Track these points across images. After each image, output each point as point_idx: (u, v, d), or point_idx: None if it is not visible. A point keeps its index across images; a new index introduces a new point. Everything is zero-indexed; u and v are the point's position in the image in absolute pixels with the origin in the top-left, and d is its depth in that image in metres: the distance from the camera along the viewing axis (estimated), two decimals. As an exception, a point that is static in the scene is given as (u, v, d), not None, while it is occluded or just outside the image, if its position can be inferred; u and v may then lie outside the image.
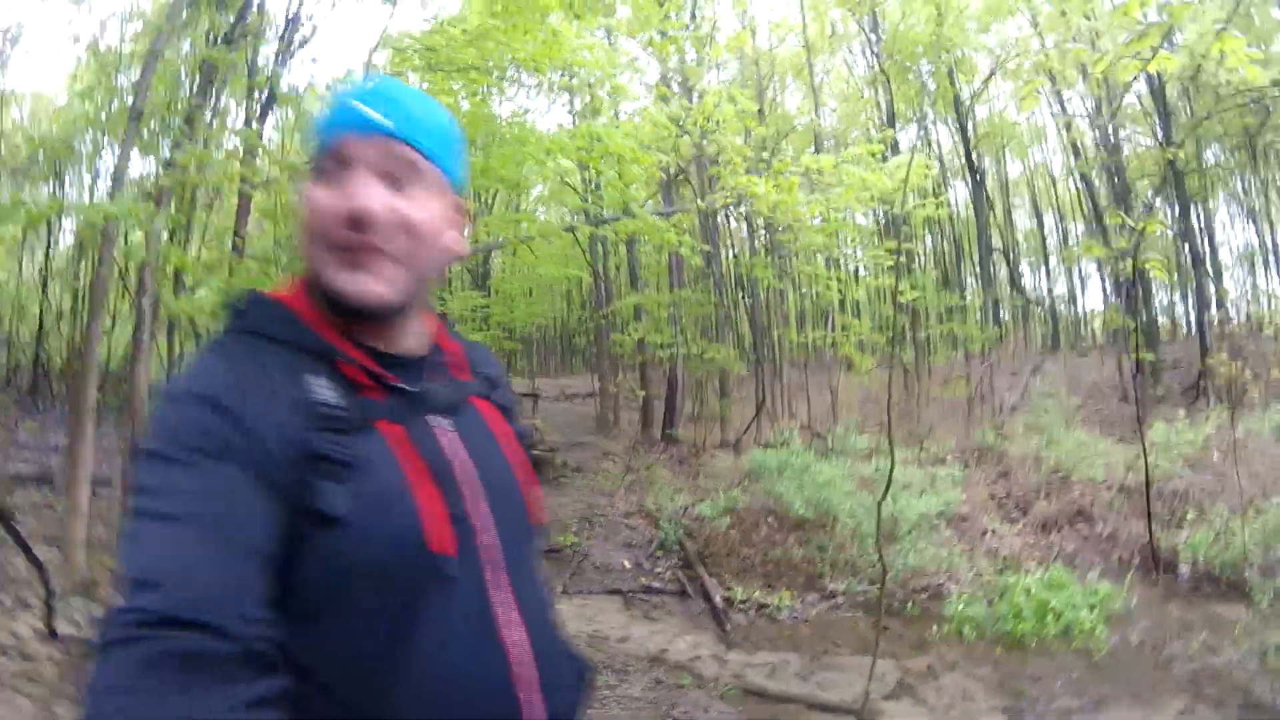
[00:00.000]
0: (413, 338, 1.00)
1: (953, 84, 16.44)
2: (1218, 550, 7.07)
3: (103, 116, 11.79)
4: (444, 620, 0.84)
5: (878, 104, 18.05)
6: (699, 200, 10.02)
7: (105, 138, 12.50)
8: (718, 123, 8.71)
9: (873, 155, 8.63)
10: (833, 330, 11.81)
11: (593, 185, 11.94)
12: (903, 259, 11.30)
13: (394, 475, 0.86)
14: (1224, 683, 4.82)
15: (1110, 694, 4.65)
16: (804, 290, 17.64)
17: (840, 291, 11.16)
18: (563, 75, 9.36)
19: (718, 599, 6.19)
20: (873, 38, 17.06)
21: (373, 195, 0.89)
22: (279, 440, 0.79)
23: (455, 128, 1.01)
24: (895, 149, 17.06)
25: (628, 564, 7.61)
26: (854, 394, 13.43)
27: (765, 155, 10.38)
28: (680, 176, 12.01)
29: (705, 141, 9.04)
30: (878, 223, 13.32)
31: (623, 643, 5.49)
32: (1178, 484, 9.37)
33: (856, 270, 11.55)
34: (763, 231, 13.07)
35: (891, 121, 17.04)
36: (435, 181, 0.96)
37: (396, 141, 0.91)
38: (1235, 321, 16.07)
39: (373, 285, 0.90)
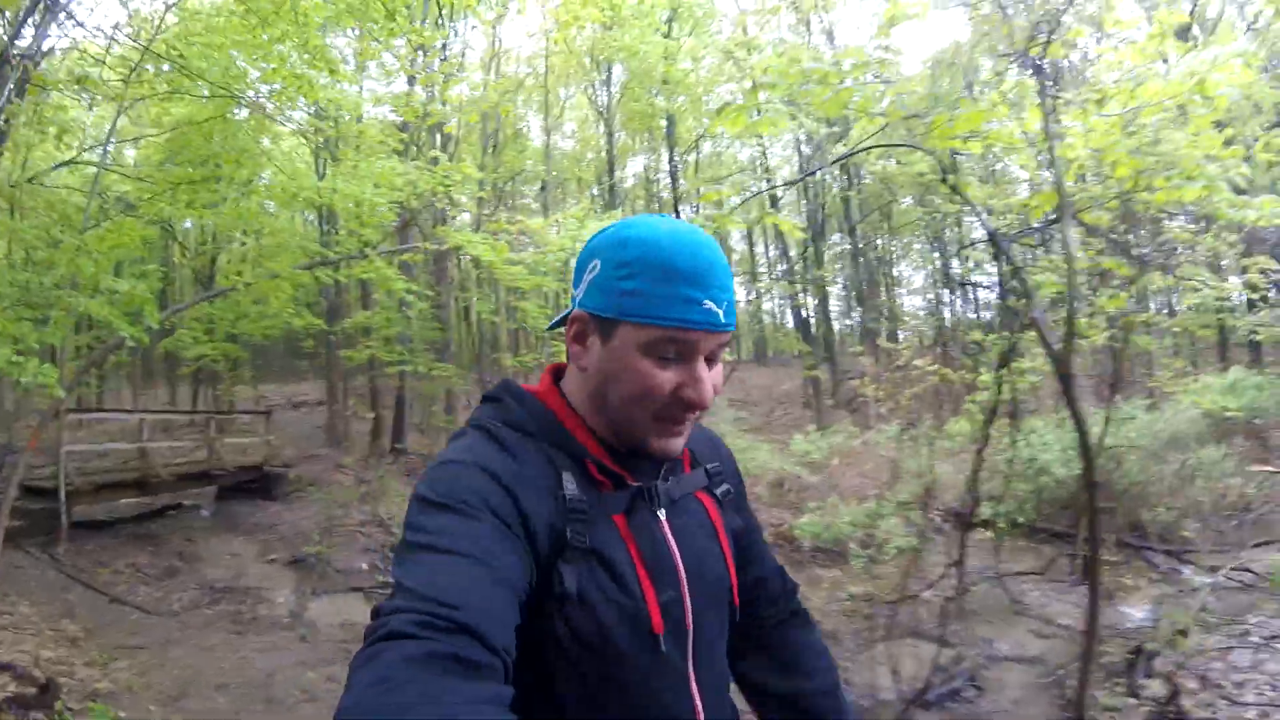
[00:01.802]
0: None
1: (670, 132, 19.34)
2: (824, 529, 9.90)
3: None
4: (648, 681, 1.03)
5: (608, 135, 20.64)
6: (427, 243, 11.82)
7: None
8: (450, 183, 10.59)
9: (586, 212, 10.94)
10: (544, 354, 14.02)
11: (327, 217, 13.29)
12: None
13: (625, 564, 1.02)
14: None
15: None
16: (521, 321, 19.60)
17: (549, 320, 13.33)
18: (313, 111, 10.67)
19: (441, 587, 8.17)
20: (609, 77, 19.73)
21: (710, 386, 1.04)
22: (541, 526, 0.97)
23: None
24: (612, 196, 19.80)
25: (365, 566, 9.37)
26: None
27: (488, 212, 12.39)
28: (413, 220, 13.71)
29: (434, 199, 10.88)
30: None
31: (361, 626, 7.32)
32: (809, 480, 12.58)
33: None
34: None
35: (612, 165, 19.78)
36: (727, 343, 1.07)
37: (727, 333, 1.04)
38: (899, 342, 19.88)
39: (682, 443, 1.08)
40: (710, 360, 1.04)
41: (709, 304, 1.00)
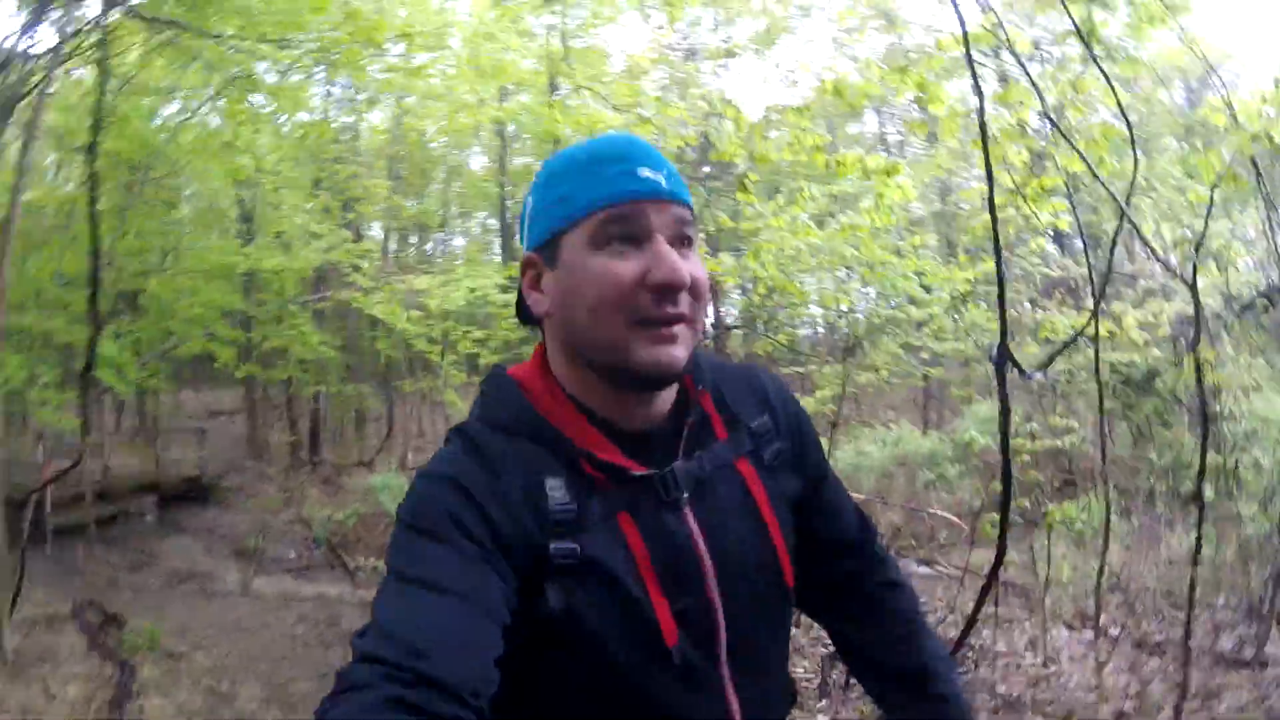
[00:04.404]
0: (662, 402, 1.02)
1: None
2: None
3: None
4: (667, 695, 0.95)
5: (500, 185, 23.99)
6: (336, 295, 15.33)
7: None
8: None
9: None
10: (440, 379, 17.58)
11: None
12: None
13: (627, 572, 0.92)
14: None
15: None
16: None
17: (442, 355, 16.85)
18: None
19: (351, 566, 11.87)
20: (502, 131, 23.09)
21: (683, 264, 0.91)
22: (520, 545, 0.89)
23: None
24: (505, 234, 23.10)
25: (293, 555, 13.00)
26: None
27: (387, 274, 15.91)
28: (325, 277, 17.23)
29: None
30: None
31: (295, 593, 10.98)
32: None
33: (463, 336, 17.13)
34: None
35: (504, 212, 23.25)
36: (698, 235, 0.97)
37: (680, 204, 0.94)
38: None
39: (679, 355, 0.93)
40: (679, 244, 0.94)
41: (645, 171, 0.93)
